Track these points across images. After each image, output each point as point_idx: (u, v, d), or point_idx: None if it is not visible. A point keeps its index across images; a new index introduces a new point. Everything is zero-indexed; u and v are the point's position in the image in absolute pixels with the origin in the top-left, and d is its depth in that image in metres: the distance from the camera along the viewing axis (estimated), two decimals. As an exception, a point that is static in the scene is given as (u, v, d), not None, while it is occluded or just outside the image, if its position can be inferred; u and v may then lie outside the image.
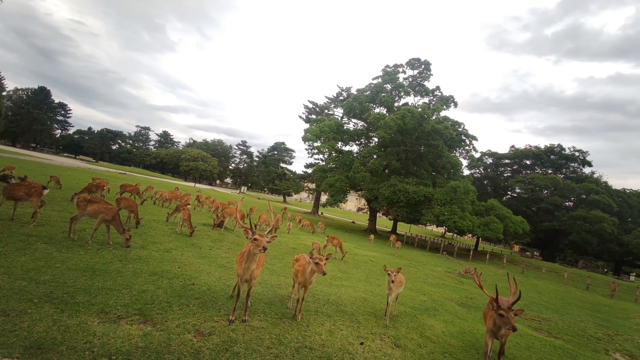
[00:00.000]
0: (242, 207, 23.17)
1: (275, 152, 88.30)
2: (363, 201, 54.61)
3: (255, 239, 4.33)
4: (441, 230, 57.36)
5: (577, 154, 49.79)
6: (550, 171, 49.61)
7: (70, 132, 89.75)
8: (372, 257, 15.12)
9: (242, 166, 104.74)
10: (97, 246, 6.77)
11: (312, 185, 56.57)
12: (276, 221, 16.12)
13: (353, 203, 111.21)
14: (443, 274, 14.92)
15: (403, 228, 56.73)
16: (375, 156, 34.90)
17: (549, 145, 50.93)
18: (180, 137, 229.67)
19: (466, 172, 44.29)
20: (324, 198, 40.42)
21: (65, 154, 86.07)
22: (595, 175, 49.94)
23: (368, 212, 42.39)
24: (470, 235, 32.72)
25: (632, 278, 42.92)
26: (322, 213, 51.62)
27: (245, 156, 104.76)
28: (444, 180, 32.81)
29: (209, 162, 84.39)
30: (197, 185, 62.57)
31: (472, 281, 14.27)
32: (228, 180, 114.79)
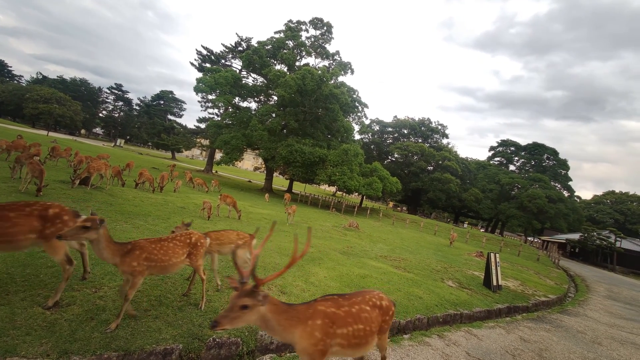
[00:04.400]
0: (117, 162, 19.87)
1: (162, 102, 77.38)
2: (260, 160, 54.10)
3: None
4: (332, 189, 62.60)
5: (439, 127, 60.76)
6: (420, 140, 59.17)
7: None
8: (266, 215, 15.48)
9: (117, 115, 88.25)
10: None
11: (206, 142, 52.47)
12: (161, 179, 14.60)
13: (250, 162, 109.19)
14: (331, 228, 16.53)
15: (298, 187, 59.46)
16: (274, 115, 34.40)
17: (421, 118, 60.29)
18: (24, 70, 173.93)
19: (357, 136, 48.45)
20: (218, 156, 38.21)
21: None
22: (449, 146, 62.09)
23: (265, 172, 42.47)
24: (356, 193, 36.77)
25: (465, 225, 57.50)
26: (216, 172, 49.12)
27: (121, 103, 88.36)
28: (338, 143, 35.11)
29: (68, 106, 67.68)
30: (52, 134, 50.06)
31: (353, 233, 16.34)
32: (98, 130, 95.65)
